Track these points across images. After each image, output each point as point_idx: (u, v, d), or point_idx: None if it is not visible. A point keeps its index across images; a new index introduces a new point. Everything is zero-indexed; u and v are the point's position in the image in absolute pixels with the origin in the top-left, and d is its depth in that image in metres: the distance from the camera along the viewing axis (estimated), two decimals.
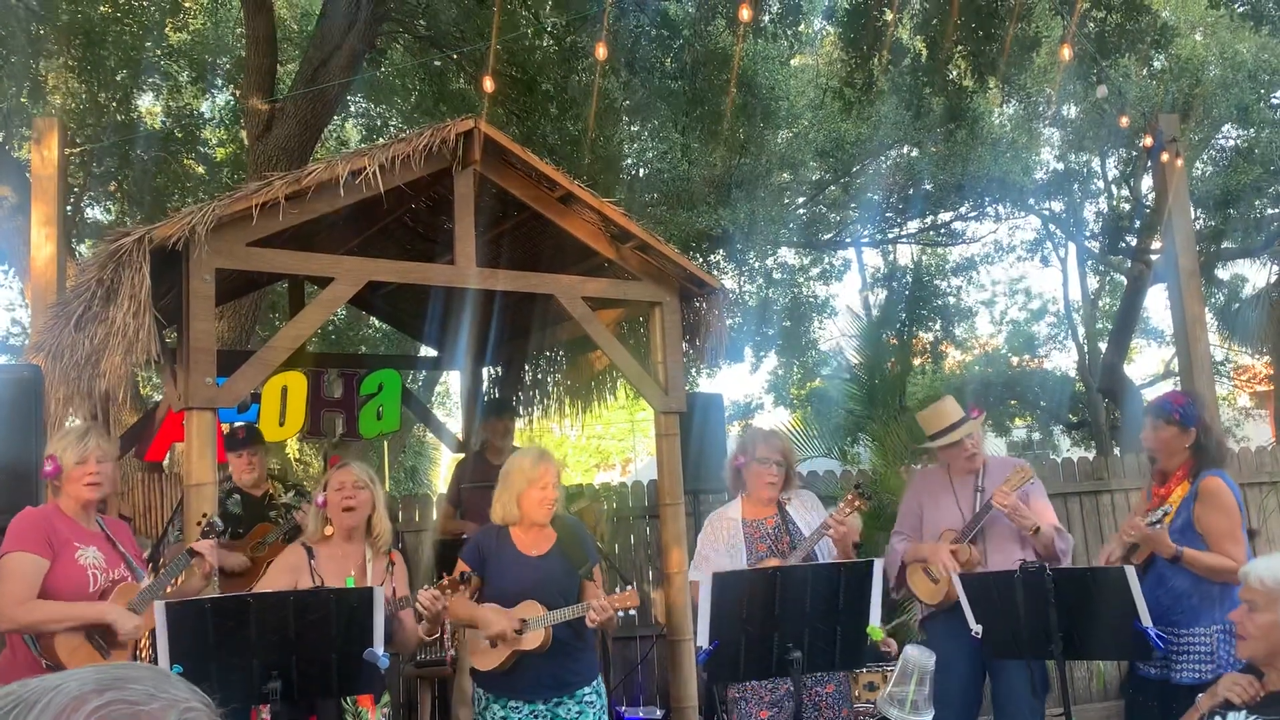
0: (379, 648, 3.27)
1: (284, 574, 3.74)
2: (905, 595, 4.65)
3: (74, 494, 3.60)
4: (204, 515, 4.00)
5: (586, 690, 3.96)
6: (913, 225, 15.38)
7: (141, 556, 3.91)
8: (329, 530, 3.85)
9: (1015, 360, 18.42)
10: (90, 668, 0.91)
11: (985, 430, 4.50)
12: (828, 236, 15.19)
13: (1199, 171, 12.81)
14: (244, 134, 10.05)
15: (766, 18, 9.34)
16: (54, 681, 0.87)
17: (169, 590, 3.64)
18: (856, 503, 4.10)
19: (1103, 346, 14.70)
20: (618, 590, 3.91)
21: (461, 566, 3.98)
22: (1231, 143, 13.09)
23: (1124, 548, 4.10)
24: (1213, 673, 3.68)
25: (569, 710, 3.90)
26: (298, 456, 14.83)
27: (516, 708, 3.87)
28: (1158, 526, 3.87)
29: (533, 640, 3.81)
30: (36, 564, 3.40)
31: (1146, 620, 3.43)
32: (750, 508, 4.32)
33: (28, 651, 3.42)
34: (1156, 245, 11.87)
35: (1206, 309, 9.07)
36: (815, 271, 16.50)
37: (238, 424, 5.98)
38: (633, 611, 3.91)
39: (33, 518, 3.52)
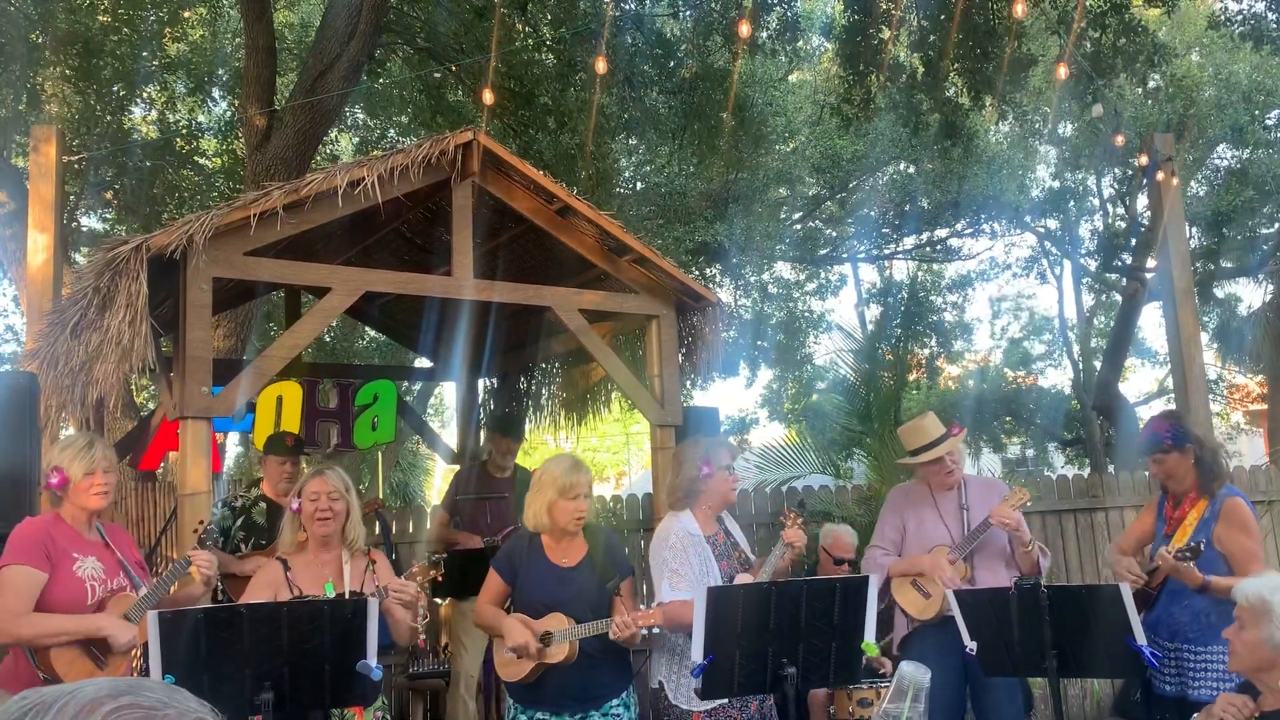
0: (372, 659, 3.26)
1: (263, 590, 3.70)
2: (887, 606, 4.61)
3: (81, 505, 3.60)
4: (201, 522, 3.98)
5: (614, 703, 3.89)
6: (909, 241, 15.46)
7: (142, 563, 3.89)
8: (303, 536, 3.82)
9: (1010, 377, 18.46)
10: (105, 678, 0.96)
11: (980, 447, 4.52)
12: (824, 252, 15.25)
13: (1194, 191, 12.88)
14: (241, 144, 10.06)
15: (764, 34, 9.37)
16: (70, 687, 0.93)
17: (164, 599, 3.62)
18: (799, 520, 4.09)
19: (1098, 364, 14.74)
20: (642, 607, 3.84)
21: (495, 578, 3.94)
22: (1226, 163, 13.19)
23: (1146, 569, 4.08)
24: (1230, 691, 3.67)
25: None
26: None
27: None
28: (1188, 557, 3.80)
29: (557, 654, 3.75)
30: (34, 577, 3.40)
31: (1141, 638, 3.43)
32: (702, 522, 4.11)
33: (27, 663, 3.42)
34: (1152, 263, 11.91)
35: (1201, 328, 9.09)
36: (811, 287, 16.56)
37: (286, 432, 5.85)
38: (656, 629, 3.85)
39: (32, 530, 3.51)
